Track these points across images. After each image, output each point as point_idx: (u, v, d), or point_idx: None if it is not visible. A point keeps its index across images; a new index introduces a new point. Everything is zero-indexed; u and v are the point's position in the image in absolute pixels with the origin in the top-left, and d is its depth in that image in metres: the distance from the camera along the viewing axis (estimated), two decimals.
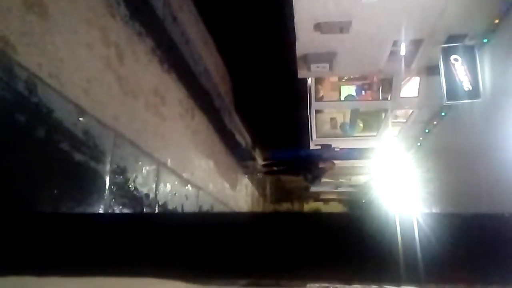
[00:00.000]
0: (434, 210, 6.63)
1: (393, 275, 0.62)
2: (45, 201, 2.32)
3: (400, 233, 0.65)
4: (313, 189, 13.34)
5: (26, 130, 2.20)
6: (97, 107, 2.83)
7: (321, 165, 7.86)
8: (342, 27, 5.69)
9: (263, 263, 0.63)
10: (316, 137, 8.75)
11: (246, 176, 8.12)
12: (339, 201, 16.45)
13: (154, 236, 0.67)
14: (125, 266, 0.63)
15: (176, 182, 4.25)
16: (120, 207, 3.13)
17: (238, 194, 7.60)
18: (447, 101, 6.09)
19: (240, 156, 7.35)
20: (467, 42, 5.96)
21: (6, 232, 0.68)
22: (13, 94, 2.09)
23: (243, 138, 7.02)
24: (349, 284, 0.62)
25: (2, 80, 2.01)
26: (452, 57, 5.99)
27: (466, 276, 0.63)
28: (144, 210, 3.51)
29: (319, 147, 8.53)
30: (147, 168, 3.61)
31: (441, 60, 6.06)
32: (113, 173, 3.03)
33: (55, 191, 2.41)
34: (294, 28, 5.58)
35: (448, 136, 7.06)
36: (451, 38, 6.00)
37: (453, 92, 5.97)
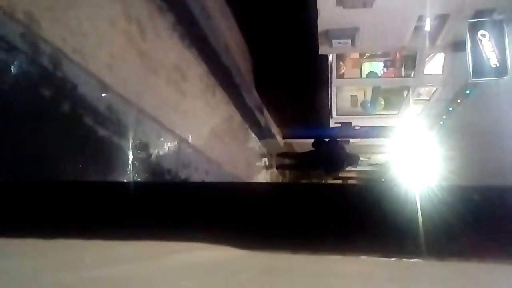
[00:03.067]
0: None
1: (413, 248, 0.62)
2: (70, 174, 2.38)
3: (420, 206, 0.65)
4: None
5: (51, 105, 2.24)
6: (119, 83, 2.85)
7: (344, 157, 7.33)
8: (365, 2, 5.54)
9: (301, 233, 0.64)
10: (336, 115, 8.64)
11: (266, 154, 8.13)
12: (358, 179, 16.37)
13: (204, 204, 0.68)
14: (175, 230, 0.65)
15: (197, 158, 4.29)
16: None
17: (258, 171, 7.65)
18: (472, 78, 5.91)
19: (260, 133, 7.35)
20: (495, 17, 5.74)
21: (54, 199, 0.71)
22: (39, 69, 2.12)
23: (263, 115, 7.00)
24: (370, 255, 0.62)
25: (27, 55, 2.04)
26: (479, 32, 5.78)
27: (487, 250, 0.62)
28: None
29: (339, 125, 8.45)
30: (169, 144, 3.65)
31: (468, 35, 5.86)
32: (136, 148, 3.07)
33: (80, 165, 2.46)
34: (315, 3, 5.46)
35: (472, 114, 6.90)
36: (478, 13, 5.79)
37: (479, 69, 5.79)
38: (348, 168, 8.33)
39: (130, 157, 3.00)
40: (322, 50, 6.48)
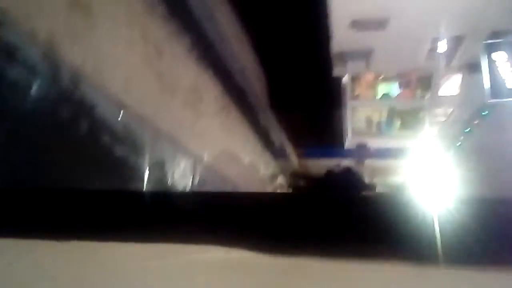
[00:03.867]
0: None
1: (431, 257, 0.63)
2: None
3: (438, 217, 0.65)
4: None
5: (70, 124, 2.29)
6: (136, 103, 2.91)
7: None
8: (379, 24, 5.59)
9: (319, 239, 0.65)
10: (352, 136, 8.62)
11: (281, 173, 8.10)
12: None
13: (223, 212, 0.70)
14: (192, 234, 0.67)
15: (212, 177, 4.31)
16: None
17: (273, 191, 7.62)
18: (489, 99, 5.86)
19: (274, 154, 7.35)
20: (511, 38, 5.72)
21: (73, 205, 0.74)
22: (59, 88, 2.19)
23: (277, 136, 7.02)
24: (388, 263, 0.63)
25: (48, 75, 2.11)
26: (495, 53, 5.75)
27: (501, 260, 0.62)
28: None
29: (355, 147, 8.39)
30: (184, 162, 3.69)
31: (484, 56, 5.84)
32: (152, 166, 3.11)
33: (97, 183, 2.50)
34: (329, 26, 5.53)
35: (489, 136, 6.80)
36: (494, 34, 5.78)
37: (496, 90, 5.74)
38: None
39: (146, 175, 3.04)
40: (336, 72, 6.53)
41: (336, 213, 0.69)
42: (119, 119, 2.71)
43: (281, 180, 8.20)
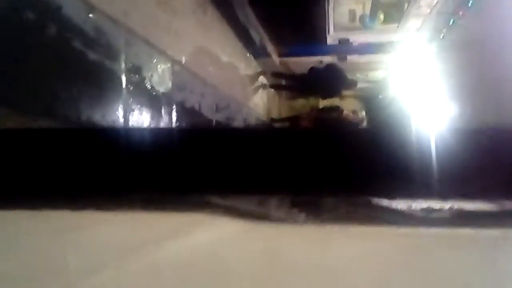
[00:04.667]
0: (454, 107, 6.53)
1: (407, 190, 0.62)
2: (65, 101, 2.36)
3: (417, 148, 0.63)
4: None
5: (37, 28, 2.15)
6: (106, 2, 2.72)
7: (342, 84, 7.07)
8: None
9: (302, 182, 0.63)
10: (334, 31, 8.37)
11: (262, 72, 8.00)
12: (355, 96, 16.33)
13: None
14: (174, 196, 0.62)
15: (191, 80, 4.23)
16: (138, 106, 3.17)
17: (254, 91, 7.60)
18: None
19: (255, 52, 7.18)
20: None
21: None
22: None
23: (258, 33, 6.77)
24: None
25: None
26: None
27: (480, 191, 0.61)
28: (162, 109, 3.55)
29: (337, 43, 8.21)
30: (162, 66, 3.58)
31: None
32: (129, 71, 3.01)
33: (74, 91, 2.43)
34: None
35: (474, 27, 6.68)
36: None
37: None
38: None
39: (124, 81, 2.95)
40: None
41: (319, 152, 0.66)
42: (88, 21, 2.55)
43: (262, 79, 8.12)
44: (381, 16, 8.40)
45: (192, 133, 0.79)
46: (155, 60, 3.46)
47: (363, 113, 8.98)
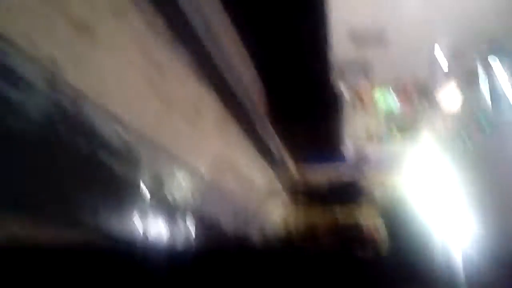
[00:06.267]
0: (471, 218, 6.38)
1: None
2: (86, 210, 2.42)
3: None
4: None
5: (70, 144, 2.30)
6: (135, 120, 2.93)
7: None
8: (377, 35, 5.62)
9: None
10: (351, 146, 8.62)
11: (280, 185, 8.10)
12: (374, 208, 16.11)
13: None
14: None
15: (212, 191, 4.31)
16: (159, 214, 3.22)
17: (271, 199, 7.62)
18: (489, 110, 5.86)
19: (272, 161, 7.37)
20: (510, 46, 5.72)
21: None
22: (59, 110, 2.20)
23: (276, 147, 7.02)
24: None
25: (49, 97, 2.12)
26: (495, 63, 5.76)
27: None
28: (179, 218, 3.57)
29: (354, 157, 8.40)
30: (184, 177, 3.69)
31: (481, 67, 5.85)
32: (150, 182, 3.11)
33: (98, 203, 2.50)
34: (328, 37, 5.55)
35: (488, 148, 6.80)
36: (494, 43, 5.78)
37: (495, 101, 5.75)
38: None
39: (146, 191, 3.04)
40: (335, 82, 6.54)
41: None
42: (118, 137, 2.72)
43: (281, 193, 8.19)
44: (396, 133, 8.67)
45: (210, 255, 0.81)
46: (176, 171, 3.58)
47: (383, 229, 8.79)
